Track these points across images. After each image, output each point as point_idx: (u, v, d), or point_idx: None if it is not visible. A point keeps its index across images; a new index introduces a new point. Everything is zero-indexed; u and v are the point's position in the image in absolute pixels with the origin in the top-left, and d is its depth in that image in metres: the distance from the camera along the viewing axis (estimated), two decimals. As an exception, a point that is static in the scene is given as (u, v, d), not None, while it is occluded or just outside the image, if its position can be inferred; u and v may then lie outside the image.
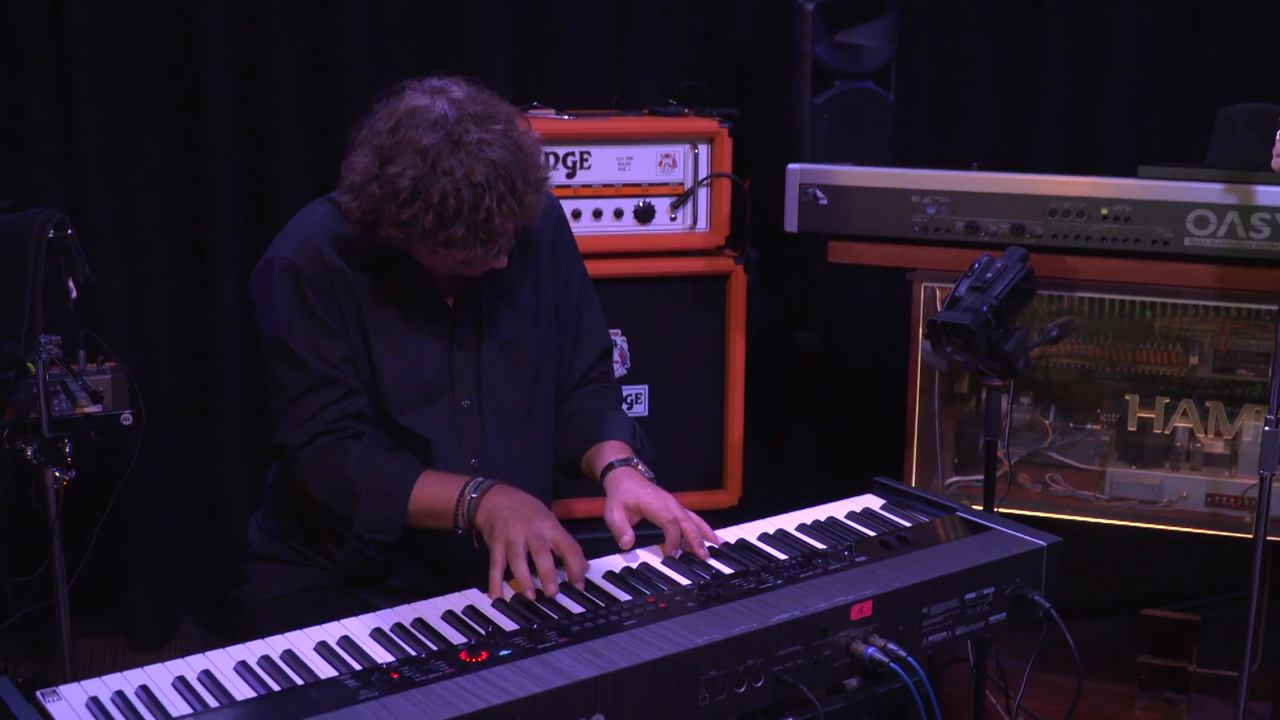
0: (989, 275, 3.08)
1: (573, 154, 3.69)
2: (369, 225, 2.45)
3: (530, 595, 2.23)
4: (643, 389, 3.83)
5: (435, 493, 2.45)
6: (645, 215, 3.75)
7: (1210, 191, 3.31)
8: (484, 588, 2.28)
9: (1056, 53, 4.59)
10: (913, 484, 3.60)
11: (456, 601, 2.25)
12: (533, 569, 2.29)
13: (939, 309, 3.28)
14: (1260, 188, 3.27)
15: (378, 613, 2.21)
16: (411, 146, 2.37)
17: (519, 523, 2.33)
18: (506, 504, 2.39)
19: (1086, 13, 4.58)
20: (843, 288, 4.51)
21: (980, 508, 3.04)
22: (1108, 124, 4.57)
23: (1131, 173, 3.42)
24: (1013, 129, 4.64)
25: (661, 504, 2.47)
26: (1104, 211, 3.39)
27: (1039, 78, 4.61)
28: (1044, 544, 2.37)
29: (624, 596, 2.25)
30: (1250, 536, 3.11)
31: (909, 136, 4.53)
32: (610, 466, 2.58)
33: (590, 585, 2.31)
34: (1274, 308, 3.05)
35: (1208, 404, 3.58)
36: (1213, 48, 4.51)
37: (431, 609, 2.23)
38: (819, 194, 3.60)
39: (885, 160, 4.23)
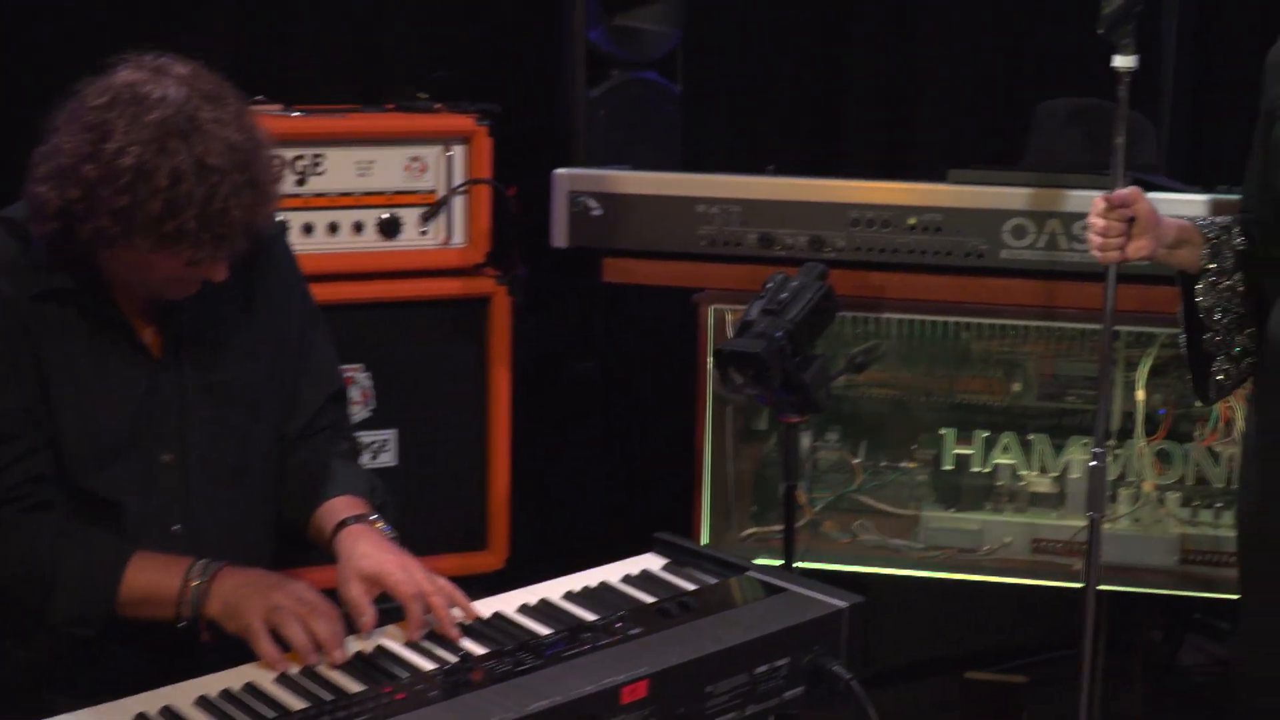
0: (784, 296, 3.11)
1: (303, 157, 3.64)
2: (67, 223, 2.37)
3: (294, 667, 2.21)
4: (390, 434, 3.78)
5: (152, 578, 2.39)
6: (390, 229, 3.72)
7: (1028, 197, 3.41)
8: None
9: (869, 42, 4.71)
10: (704, 537, 3.62)
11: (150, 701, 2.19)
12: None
13: (730, 334, 3.32)
14: (1083, 192, 3.37)
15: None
16: (136, 121, 2.32)
17: (257, 599, 2.29)
18: (241, 582, 2.35)
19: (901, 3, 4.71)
20: (627, 309, 4.53)
21: (780, 563, 3.07)
22: (929, 121, 4.70)
23: (944, 177, 3.51)
24: (821, 128, 4.74)
25: (405, 573, 2.44)
26: (912, 221, 3.46)
27: (850, 69, 4.72)
28: (844, 605, 2.40)
29: (356, 687, 2.21)
30: (1081, 585, 3.20)
31: (701, 135, 4.58)
32: (343, 525, 2.54)
33: (314, 676, 2.27)
34: (1100, 326, 3.15)
35: (1031, 437, 3.69)
36: (1039, 37, 4.68)
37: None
38: (591, 203, 3.61)
39: (674, 163, 4.27)
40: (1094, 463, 2.96)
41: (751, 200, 3.53)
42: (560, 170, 3.65)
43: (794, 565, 3.18)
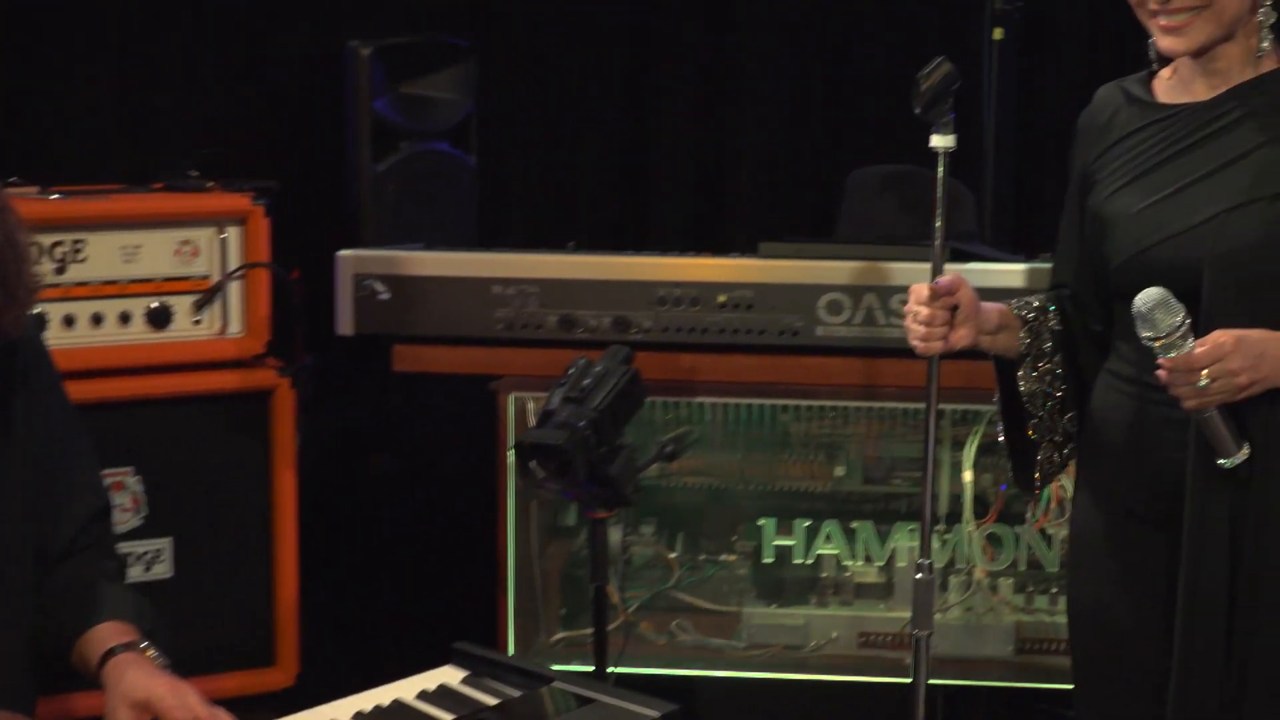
0: (587, 382, 3.13)
1: (63, 243, 3.60)
2: None
3: None
4: (164, 543, 3.73)
5: None
6: (160, 319, 3.69)
7: (843, 270, 3.48)
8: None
9: (676, 108, 4.79)
10: (510, 645, 3.62)
11: None
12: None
13: (532, 424, 3.33)
14: (900, 264, 3.46)
15: None
16: None
17: None
18: None
19: (711, 60, 4.80)
20: (424, 398, 4.52)
21: (592, 670, 3.08)
22: (740, 191, 4.79)
23: (755, 251, 3.57)
24: (626, 200, 4.80)
25: (178, 698, 2.41)
26: (722, 299, 3.51)
27: (656, 137, 4.79)
28: (658, 715, 2.41)
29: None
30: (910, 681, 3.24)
31: (498, 210, 4.61)
32: (110, 654, 2.50)
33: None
34: (924, 405, 3.21)
35: (855, 525, 3.75)
36: (853, 102, 4.80)
37: None
38: (379, 286, 3.61)
39: (470, 240, 4.29)
40: (920, 575, 2.99)
41: (551, 280, 3.55)
42: (344, 252, 3.65)
43: (607, 672, 3.19)
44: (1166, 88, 2.73)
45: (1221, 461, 2.54)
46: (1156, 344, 2.51)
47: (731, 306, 3.52)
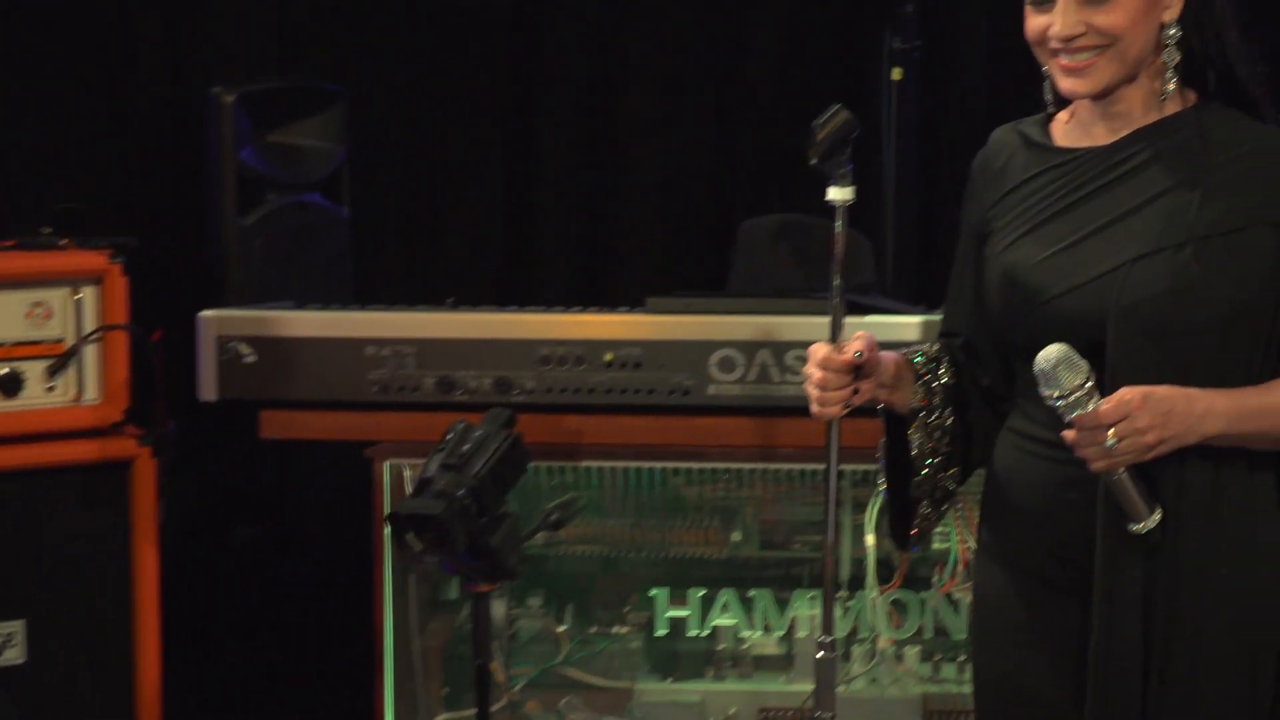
0: (466, 448, 3.13)
1: (-99, 307, 3.56)
2: None
3: None
4: (16, 626, 3.69)
5: None
6: (10, 386, 3.65)
7: (735, 326, 3.49)
8: None
9: (561, 156, 4.80)
10: (387, 729, 3.59)
11: None
12: None
13: (410, 492, 3.31)
14: (795, 318, 3.47)
15: None
16: None
17: None
18: None
19: (596, 104, 4.81)
20: (295, 466, 4.49)
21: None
22: (628, 243, 4.80)
23: (643, 305, 3.57)
24: (509, 254, 4.80)
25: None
26: (608, 357, 3.51)
27: (540, 186, 4.80)
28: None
29: None
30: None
31: (373, 265, 4.60)
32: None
33: None
34: (824, 465, 3.20)
35: (753, 593, 3.74)
36: (744, 149, 4.83)
37: None
38: (244, 348, 3.59)
39: (344, 296, 4.26)
40: (821, 654, 2.96)
41: (428, 339, 3.54)
42: (206, 312, 3.62)
43: (490, 755, 3.17)
44: (1065, 131, 2.73)
45: (1134, 526, 2.54)
46: (1061, 404, 2.51)
47: (618, 365, 3.51)
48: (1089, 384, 2.50)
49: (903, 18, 4.71)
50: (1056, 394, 2.51)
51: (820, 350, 2.69)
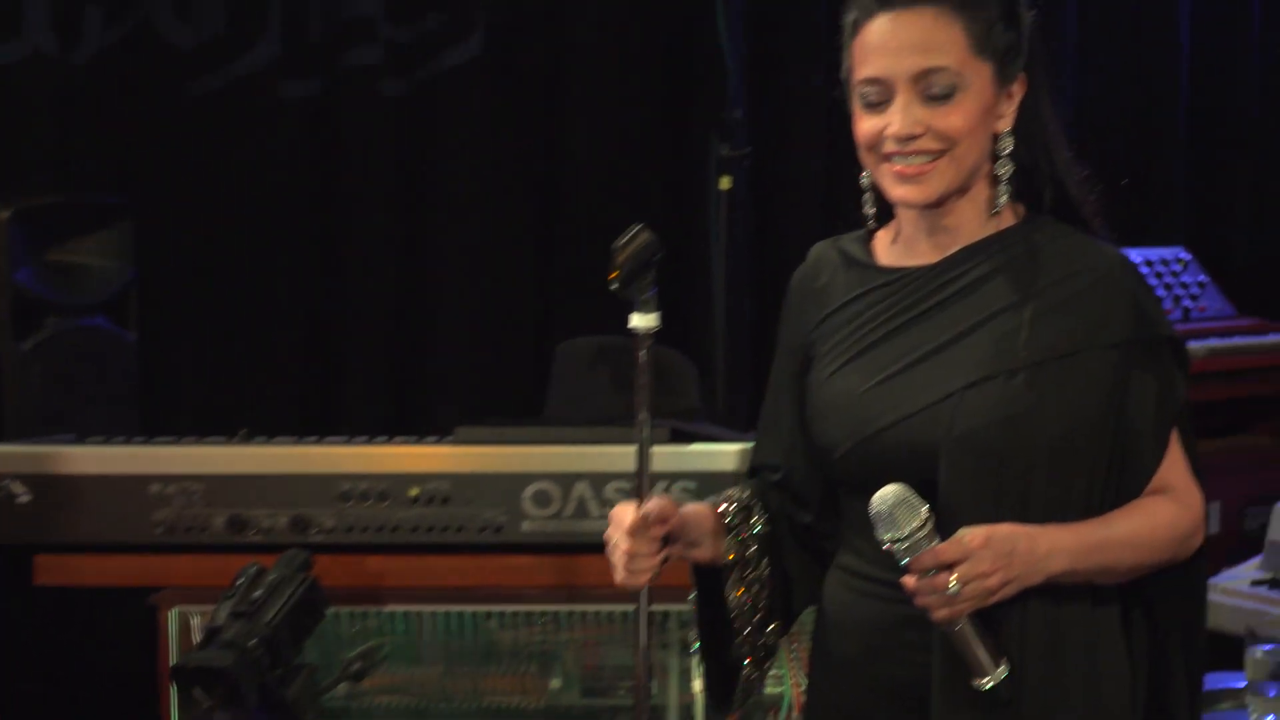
0: (258, 593, 3.10)
1: None
2: None
3: None
4: None
5: None
6: None
7: (550, 457, 3.50)
8: None
9: (367, 274, 4.82)
10: None
11: None
12: None
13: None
14: (615, 447, 3.48)
15: None
16: None
17: None
18: None
19: (406, 219, 4.84)
20: (74, 614, 4.43)
21: None
22: (438, 366, 4.81)
23: (451, 436, 3.58)
24: (309, 380, 4.79)
25: None
26: (413, 492, 3.51)
27: (344, 307, 4.81)
28: None
29: None
30: None
31: (162, 394, 4.57)
32: None
33: None
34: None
35: (574, 745, 3.74)
36: (559, 265, 4.87)
37: None
38: (18, 488, 3.55)
39: (130, 429, 4.22)
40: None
41: (217, 475, 3.52)
42: (-26, 448, 3.58)
43: None
44: (888, 249, 2.74)
45: (978, 682, 2.54)
46: (899, 547, 2.51)
47: (425, 500, 3.51)
48: (928, 526, 2.50)
49: (730, 122, 4.77)
50: (893, 537, 2.50)
51: (625, 515, 2.65)
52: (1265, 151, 6.41)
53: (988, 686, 2.53)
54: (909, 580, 2.52)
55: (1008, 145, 2.65)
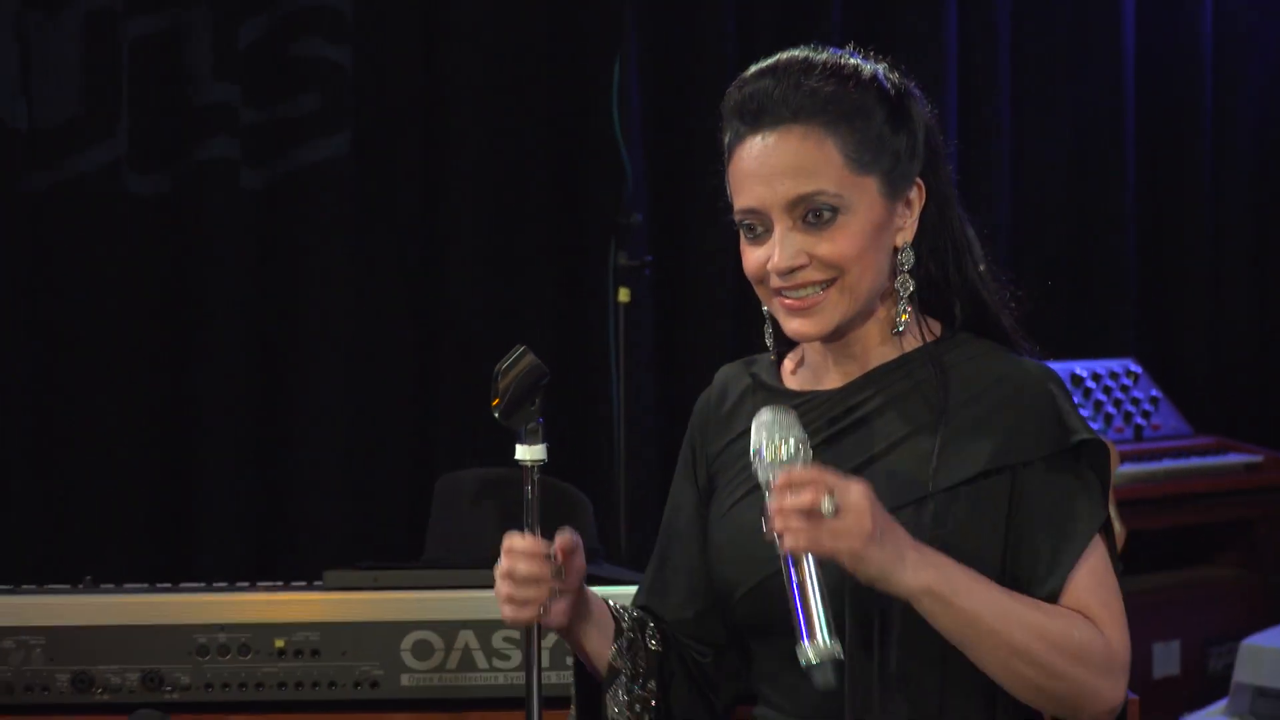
0: (106, 760, 3.10)
1: None
2: None
3: None
4: None
5: None
6: None
7: (432, 603, 3.51)
8: None
9: (224, 412, 4.85)
10: None
11: None
12: None
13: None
14: (503, 592, 3.51)
15: None
16: None
17: None
18: None
19: (267, 334, 4.87)
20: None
21: None
22: (304, 507, 4.83)
23: (320, 581, 3.59)
24: (163, 522, 4.79)
25: None
26: (279, 644, 3.51)
27: (201, 444, 4.83)
28: None
29: None
30: None
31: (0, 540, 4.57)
32: None
33: None
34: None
35: None
36: (447, 395, 4.91)
37: None
38: None
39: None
40: None
41: (60, 627, 3.51)
42: None
43: None
44: (795, 371, 2.83)
45: (805, 650, 2.45)
46: (773, 461, 2.53)
47: (292, 653, 3.51)
48: (805, 453, 2.54)
49: (629, 228, 4.81)
50: (772, 446, 2.54)
51: (519, 540, 2.71)
52: (1221, 252, 6.51)
53: (815, 661, 2.45)
54: (777, 488, 2.49)
55: (909, 260, 2.72)
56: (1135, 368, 6.18)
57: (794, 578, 2.48)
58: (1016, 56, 6.13)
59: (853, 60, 2.75)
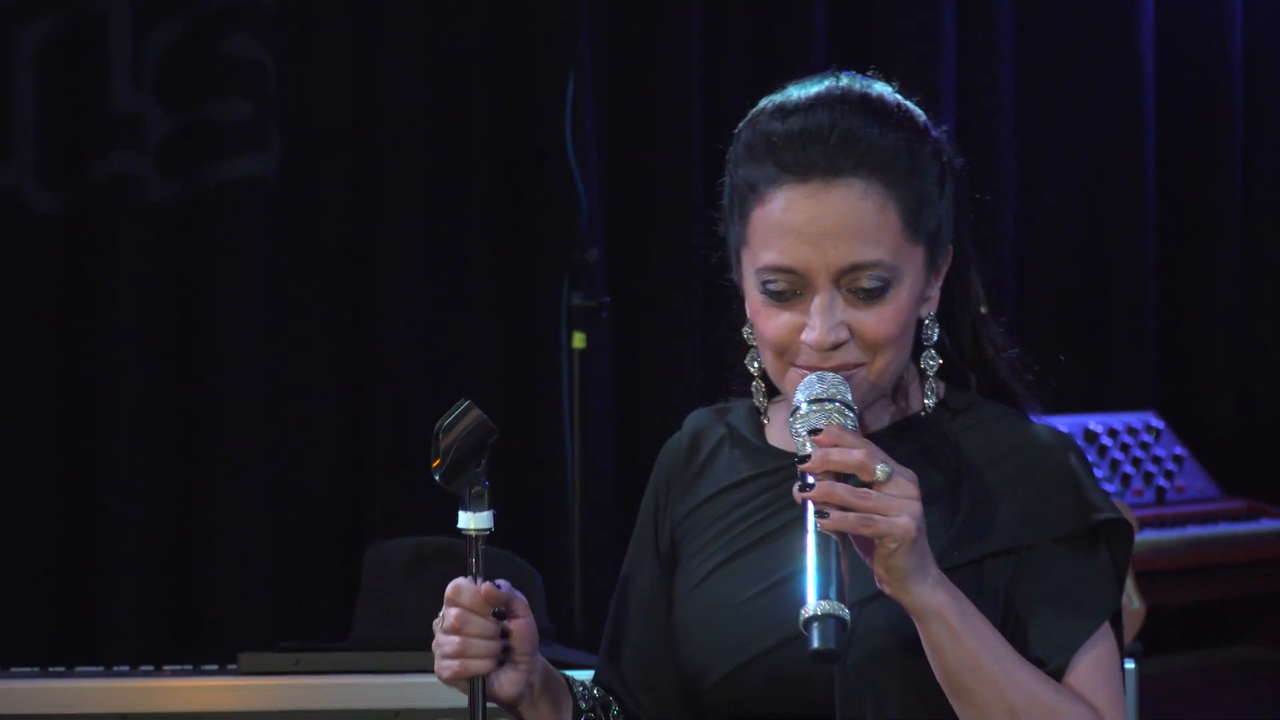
0: None
1: None
2: None
3: None
4: None
5: None
6: None
7: (359, 689, 3.52)
8: None
9: (131, 471, 4.86)
10: None
11: None
12: None
13: None
14: (434, 677, 3.51)
15: None
16: None
17: None
18: None
19: (175, 403, 4.89)
20: None
21: None
22: (219, 581, 4.83)
23: (233, 664, 3.60)
24: (65, 601, 4.79)
25: None
26: (184, 736, 3.53)
27: (104, 512, 4.83)
28: None
29: None
30: None
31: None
32: None
33: None
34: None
35: None
36: (378, 456, 4.93)
37: None
38: None
39: None
40: None
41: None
42: None
43: None
44: (780, 426, 2.72)
45: (810, 606, 2.42)
46: (819, 410, 2.50)
47: (202, 745, 3.53)
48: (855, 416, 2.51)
49: (584, 265, 4.80)
50: (818, 397, 2.51)
51: (466, 587, 2.64)
52: (1252, 292, 6.48)
53: (818, 614, 2.41)
54: (823, 440, 2.45)
55: (933, 334, 2.66)
56: (1157, 422, 6.13)
57: (815, 536, 2.44)
58: (1021, 64, 6.10)
59: (902, 100, 2.66)
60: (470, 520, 2.68)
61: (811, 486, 2.45)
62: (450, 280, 5.15)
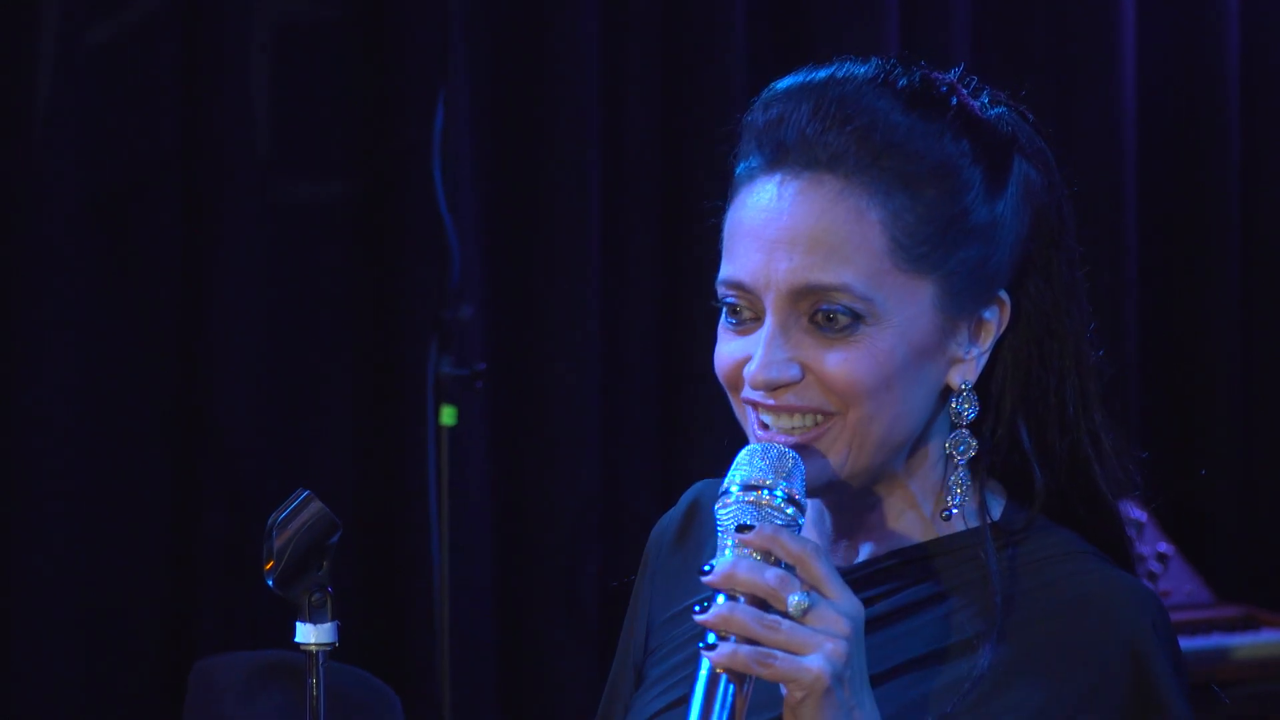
0: None
1: None
2: None
3: None
4: None
5: None
6: None
7: None
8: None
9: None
10: None
11: None
12: None
13: None
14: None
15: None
16: None
17: None
18: None
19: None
20: None
21: None
22: (23, 707, 4.82)
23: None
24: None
25: None
26: None
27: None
28: None
29: None
30: None
31: None
32: None
33: None
34: None
35: None
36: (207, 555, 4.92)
37: None
38: None
39: None
40: None
41: None
42: None
43: None
44: None
45: None
46: (749, 499, 2.28)
47: None
48: (794, 512, 2.29)
49: (456, 325, 4.78)
50: (753, 483, 2.29)
51: None
52: (1252, 363, 6.50)
53: None
54: (752, 542, 2.24)
55: (968, 410, 2.44)
56: (1138, 514, 6.16)
57: (705, 680, 2.23)
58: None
59: (952, 86, 2.44)
60: (310, 633, 2.64)
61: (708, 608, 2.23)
62: (295, 344, 5.12)
